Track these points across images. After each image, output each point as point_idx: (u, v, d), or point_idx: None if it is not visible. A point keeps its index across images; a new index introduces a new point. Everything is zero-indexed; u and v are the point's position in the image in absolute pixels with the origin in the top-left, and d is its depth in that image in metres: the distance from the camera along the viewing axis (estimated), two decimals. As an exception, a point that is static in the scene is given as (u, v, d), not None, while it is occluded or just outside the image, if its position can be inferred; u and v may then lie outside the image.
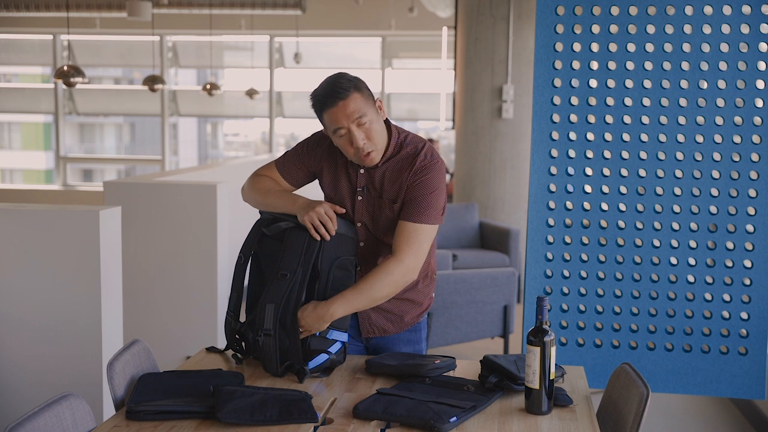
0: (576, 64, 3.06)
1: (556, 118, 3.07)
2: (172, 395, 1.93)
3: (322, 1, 11.24)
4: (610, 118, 3.06)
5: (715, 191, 3.04)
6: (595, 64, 3.07)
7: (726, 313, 3.07)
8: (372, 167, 2.26)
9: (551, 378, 1.93)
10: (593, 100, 3.07)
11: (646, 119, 3.05)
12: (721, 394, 3.12)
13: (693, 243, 3.06)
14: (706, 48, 3.00)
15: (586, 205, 3.10)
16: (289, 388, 2.04)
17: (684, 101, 3.03)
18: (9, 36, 12.77)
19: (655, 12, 3.03)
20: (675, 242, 3.06)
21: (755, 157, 3.01)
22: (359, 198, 2.28)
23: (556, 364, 1.99)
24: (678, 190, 3.05)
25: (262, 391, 1.94)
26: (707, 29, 3.00)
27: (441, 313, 4.48)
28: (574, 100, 3.08)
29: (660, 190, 3.05)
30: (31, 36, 12.67)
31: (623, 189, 3.08)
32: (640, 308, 3.10)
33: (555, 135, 3.08)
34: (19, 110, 13.58)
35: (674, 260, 3.07)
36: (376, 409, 1.87)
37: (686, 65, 3.02)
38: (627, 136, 3.06)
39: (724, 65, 3.00)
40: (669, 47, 3.02)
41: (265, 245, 2.28)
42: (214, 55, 12.36)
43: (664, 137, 3.04)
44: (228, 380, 2.05)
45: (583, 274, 3.11)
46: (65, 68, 6.09)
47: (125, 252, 4.10)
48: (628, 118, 3.06)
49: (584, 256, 3.11)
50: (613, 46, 3.05)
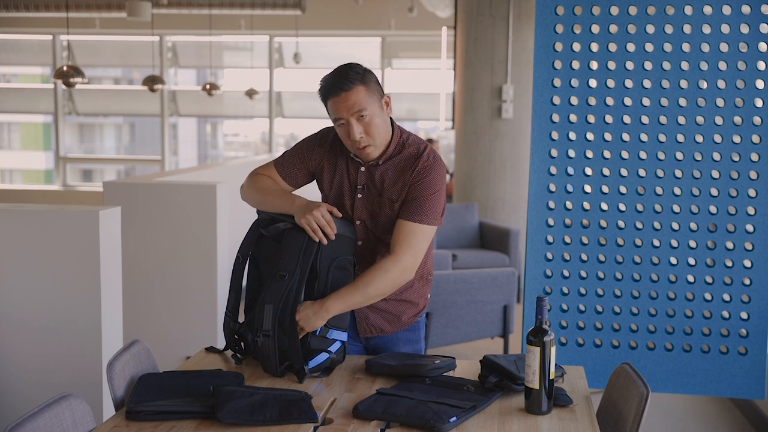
0: (575, 64, 3.06)
1: (556, 118, 3.07)
2: (171, 395, 1.93)
3: (322, 1, 11.24)
4: (609, 118, 3.06)
5: (715, 191, 3.04)
6: (594, 64, 3.07)
7: (726, 313, 3.07)
8: (373, 165, 2.26)
9: (551, 378, 1.93)
10: (593, 100, 3.07)
11: (645, 119, 3.05)
12: (720, 394, 3.12)
13: (693, 243, 3.06)
14: (706, 48, 3.00)
15: (586, 205, 3.10)
16: (289, 388, 2.04)
17: (684, 101, 3.03)
18: (8, 36, 12.77)
19: (654, 12, 3.03)
20: (675, 242, 3.06)
21: (755, 156, 3.01)
22: (359, 196, 2.28)
23: (555, 364, 1.99)
24: (678, 190, 3.05)
25: (262, 391, 1.94)
26: (707, 29, 3.00)
27: (441, 313, 4.47)
28: (574, 100, 3.08)
29: (660, 190, 3.05)
30: (30, 36, 12.67)
31: (623, 189, 3.08)
32: (640, 308, 3.10)
33: (555, 135, 3.08)
34: (19, 110, 13.58)
35: (674, 260, 3.07)
36: (375, 409, 1.88)
37: (686, 65, 3.02)
38: (627, 136, 3.06)
39: (723, 65, 3.00)
40: (669, 47, 3.02)
41: (263, 246, 2.28)
42: (213, 55, 12.36)
43: (663, 137, 3.04)
44: (228, 380, 2.05)
45: (583, 274, 3.11)
46: (65, 68, 6.09)
47: (125, 252, 4.10)
48: (627, 118, 3.06)
49: (584, 256, 3.11)
50: (613, 46, 3.05)
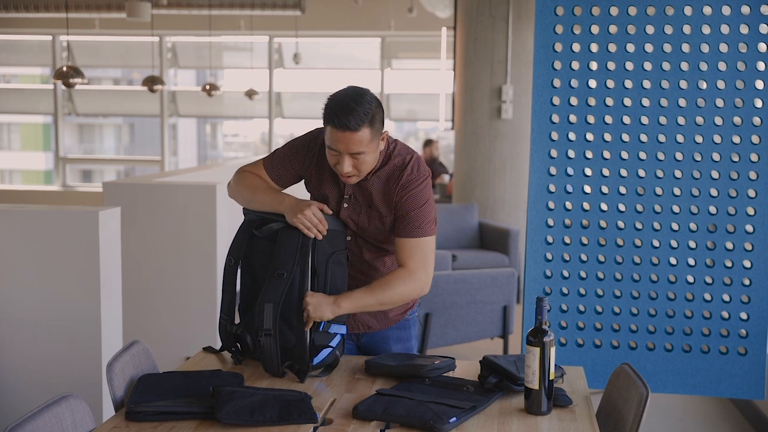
0: (575, 65, 3.06)
1: (556, 118, 3.08)
2: (171, 396, 1.93)
3: (322, 1, 11.24)
4: (609, 119, 3.06)
5: (715, 191, 3.04)
6: (594, 65, 3.07)
7: (725, 314, 3.07)
8: (362, 179, 2.25)
9: (551, 378, 1.94)
10: (592, 101, 3.07)
11: (645, 119, 3.05)
12: (720, 394, 3.12)
13: (692, 243, 3.06)
14: (706, 48, 3.00)
15: (586, 205, 3.10)
16: (288, 388, 2.04)
17: (683, 101, 3.03)
18: (8, 37, 12.77)
19: (654, 12, 3.03)
20: (674, 242, 3.06)
21: (754, 157, 3.01)
22: (345, 205, 2.28)
23: (555, 365, 1.99)
24: (677, 191, 3.05)
25: (262, 391, 1.94)
26: (706, 29, 3.00)
27: (440, 313, 4.47)
28: (574, 101, 3.08)
29: (659, 190, 3.05)
30: (30, 37, 12.67)
31: (623, 189, 3.08)
32: (640, 308, 3.10)
33: (554, 135, 3.08)
34: (19, 111, 13.58)
35: (674, 260, 3.07)
36: (375, 410, 1.88)
37: (685, 65, 3.02)
38: (626, 137, 3.06)
39: (723, 65, 3.00)
40: (668, 47, 3.02)
41: (256, 246, 2.27)
42: (213, 55, 12.36)
43: (663, 137, 3.04)
44: (228, 381, 2.05)
45: (583, 274, 3.11)
46: (64, 69, 6.09)
47: (125, 252, 4.10)
48: (627, 119, 3.06)
49: (584, 257, 3.11)
50: (613, 47, 3.05)
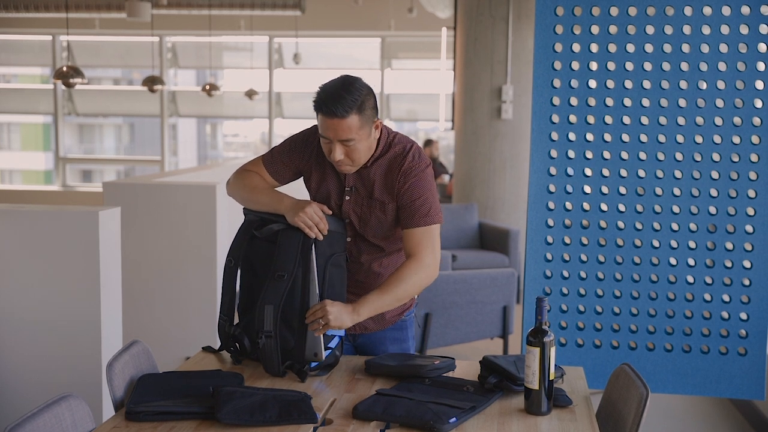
0: (575, 65, 3.06)
1: (556, 118, 3.08)
2: (171, 396, 1.93)
3: (322, 1, 11.24)
4: (609, 119, 3.06)
5: (715, 192, 3.04)
6: (594, 65, 3.07)
7: (725, 314, 3.07)
8: (362, 167, 2.26)
9: (551, 378, 1.94)
10: (592, 101, 3.07)
11: (645, 120, 3.05)
12: (720, 394, 3.12)
13: (692, 243, 3.06)
14: (706, 49, 3.00)
15: (586, 205, 3.10)
16: (288, 388, 2.04)
17: (683, 102, 3.03)
18: (8, 37, 12.77)
19: (654, 13, 3.03)
20: (674, 243, 3.07)
21: (754, 157, 3.01)
22: (347, 198, 2.28)
23: (555, 365, 1.99)
24: (677, 191, 3.05)
25: (262, 391, 1.94)
26: (706, 30, 3.00)
27: (440, 313, 4.48)
28: (574, 101, 3.08)
29: (659, 190, 3.05)
30: (30, 37, 12.67)
31: (622, 189, 3.08)
32: (640, 309, 3.10)
33: (554, 135, 3.08)
34: (19, 111, 13.58)
35: (674, 261, 3.07)
36: (375, 410, 1.88)
37: (685, 66, 3.02)
38: (626, 137, 3.06)
39: (723, 66, 3.00)
40: (668, 48, 3.02)
41: (256, 247, 2.27)
42: (213, 55, 12.36)
43: (663, 138, 3.04)
44: (228, 381, 2.05)
45: (583, 274, 3.11)
46: (64, 69, 6.09)
47: (125, 253, 4.10)
48: (627, 119, 3.06)
49: (584, 257, 3.11)
50: (613, 47, 3.05)
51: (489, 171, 6.90)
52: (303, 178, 2.39)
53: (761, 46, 2.98)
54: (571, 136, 3.08)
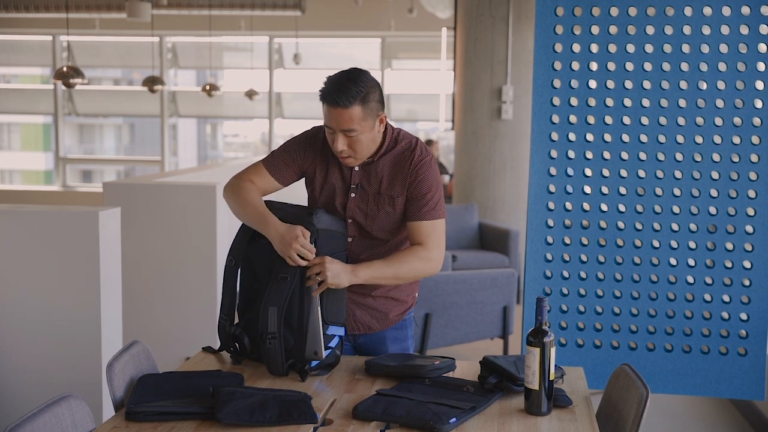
0: (575, 65, 3.06)
1: (556, 118, 3.08)
2: (171, 396, 1.93)
3: (322, 1, 11.24)
4: (609, 119, 3.06)
5: (715, 192, 3.04)
6: (594, 65, 3.07)
7: (725, 314, 3.07)
8: (368, 163, 2.28)
9: (551, 379, 1.94)
10: (592, 101, 3.07)
11: (645, 120, 3.05)
12: (720, 394, 3.12)
13: (692, 244, 3.06)
14: (706, 49, 3.00)
15: (586, 205, 3.10)
16: (289, 388, 2.04)
17: (683, 102, 3.03)
18: (8, 37, 12.77)
19: (654, 13, 3.03)
20: (674, 243, 3.06)
21: (754, 158, 3.01)
22: (352, 195, 2.29)
23: (555, 365, 1.99)
24: (677, 191, 3.05)
25: (262, 391, 1.94)
26: (706, 30, 3.00)
27: (441, 313, 4.47)
28: (574, 101, 3.08)
29: (659, 190, 3.05)
30: (30, 37, 12.68)
31: (623, 190, 3.08)
32: (640, 309, 3.10)
33: (554, 136, 3.08)
34: (19, 111, 13.58)
35: (674, 261, 3.07)
36: (375, 410, 1.88)
37: (686, 66, 3.02)
38: (626, 137, 3.06)
39: (723, 66, 3.00)
40: (668, 48, 3.02)
41: (257, 247, 2.27)
42: (213, 55, 12.36)
43: (663, 138, 3.04)
44: (228, 381, 2.05)
45: (583, 274, 3.11)
46: (65, 69, 6.09)
47: (125, 253, 4.10)
48: (627, 119, 3.06)
49: (584, 257, 3.11)
50: (613, 47, 3.05)
51: (489, 171, 6.90)
52: (305, 179, 2.39)
53: (761, 47, 2.98)
54: (572, 136, 3.08)
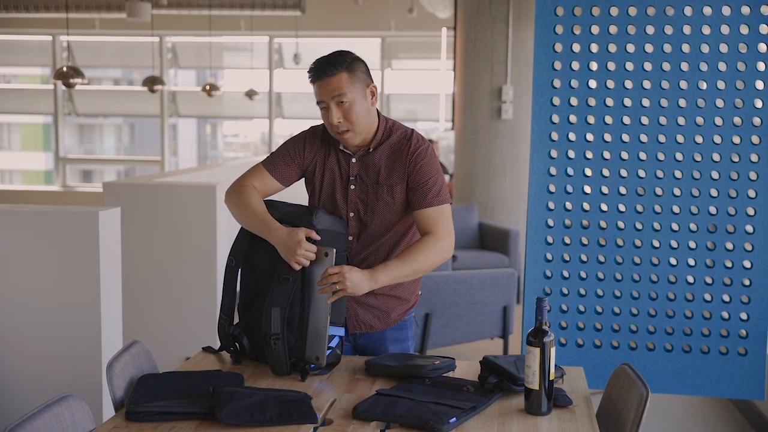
0: (575, 65, 3.06)
1: (556, 118, 3.08)
2: (171, 396, 1.93)
3: (322, 1, 11.24)
4: (609, 119, 3.06)
5: (715, 192, 3.04)
6: (594, 65, 3.07)
7: (725, 314, 3.07)
8: (364, 154, 2.30)
9: (551, 379, 1.93)
10: (592, 101, 3.07)
11: (645, 120, 3.05)
12: (720, 394, 3.12)
13: (692, 243, 3.06)
14: (706, 49, 3.00)
15: (586, 205, 3.10)
16: (289, 388, 2.04)
17: (683, 102, 3.03)
18: (8, 37, 12.77)
19: (654, 13, 3.03)
20: (674, 243, 3.06)
21: (754, 157, 3.01)
22: (352, 187, 2.30)
23: (555, 365, 1.99)
24: (677, 191, 3.05)
25: (262, 391, 1.94)
26: (706, 30, 3.00)
27: (440, 313, 4.47)
28: (574, 101, 3.08)
29: (659, 190, 3.05)
30: (30, 37, 12.67)
31: (623, 190, 3.08)
32: (640, 309, 3.10)
33: (554, 136, 3.08)
34: (19, 111, 13.57)
35: (674, 261, 3.07)
36: (375, 410, 1.88)
37: (686, 66, 3.02)
38: (626, 137, 3.06)
39: (723, 66, 3.00)
40: (668, 48, 3.02)
41: (258, 247, 2.27)
42: (213, 55, 12.36)
43: (663, 138, 3.04)
44: (228, 381, 2.05)
45: (583, 274, 3.11)
46: (65, 69, 6.09)
47: (125, 253, 4.10)
48: (627, 119, 3.06)
49: (584, 257, 3.11)
50: (613, 47, 3.05)
51: (489, 171, 6.90)
52: (305, 179, 2.40)
53: (761, 46, 2.98)
54: (571, 136, 3.08)
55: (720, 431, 3.90)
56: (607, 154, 3.07)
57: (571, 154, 3.08)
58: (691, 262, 3.07)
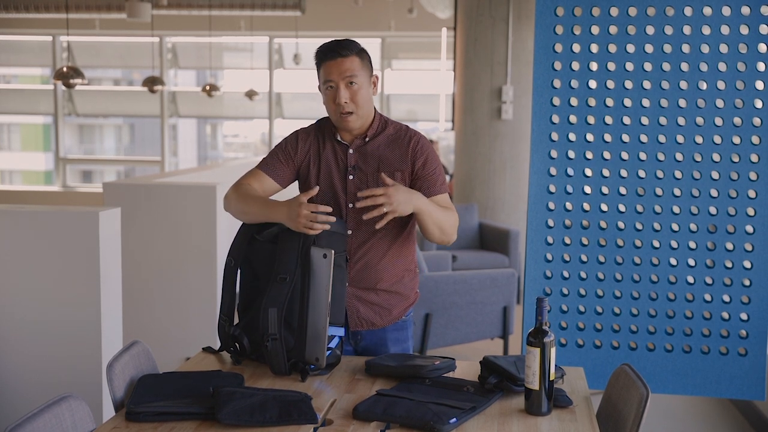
0: (575, 65, 3.06)
1: (556, 119, 3.08)
2: (171, 396, 1.93)
3: (322, 1, 11.24)
4: (609, 119, 3.06)
5: (715, 192, 3.04)
6: (594, 65, 3.07)
7: (725, 314, 3.07)
8: (361, 145, 2.34)
9: (551, 379, 1.94)
10: (592, 101, 3.07)
11: (645, 120, 3.05)
12: (720, 394, 3.12)
13: (692, 244, 3.06)
14: (706, 49, 3.00)
15: (586, 206, 3.10)
16: (289, 389, 2.04)
17: (683, 102, 3.03)
18: (8, 37, 12.77)
19: (654, 13, 3.03)
20: (674, 243, 3.06)
21: (755, 158, 3.01)
22: (350, 177, 2.34)
23: (555, 365, 1.99)
24: (677, 191, 3.05)
25: (262, 392, 1.94)
26: (706, 30, 3.00)
27: (441, 313, 4.48)
28: (574, 101, 3.08)
29: (659, 191, 3.05)
30: (30, 37, 12.68)
31: (623, 190, 3.08)
32: (640, 309, 3.10)
33: (554, 136, 3.08)
34: (19, 111, 13.58)
35: (674, 261, 3.07)
36: (375, 410, 1.88)
37: (685, 66, 3.02)
38: (626, 137, 3.06)
39: (723, 66, 3.00)
40: (668, 48, 3.02)
41: (257, 248, 2.28)
42: (213, 56, 12.36)
43: (663, 138, 3.04)
44: (228, 381, 2.05)
45: (583, 275, 3.11)
46: (65, 69, 6.09)
47: (125, 253, 4.10)
48: (627, 119, 3.06)
49: (584, 257, 3.11)
50: (613, 47, 3.05)
51: (489, 171, 6.90)
52: (300, 179, 2.41)
53: (761, 47, 2.98)
54: (572, 136, 3.08)
55: (720, 431, 3.90)
56: (607, 155, 3.07)
57: (571, 154, 3.08)
58: (691, 262, 3.07)
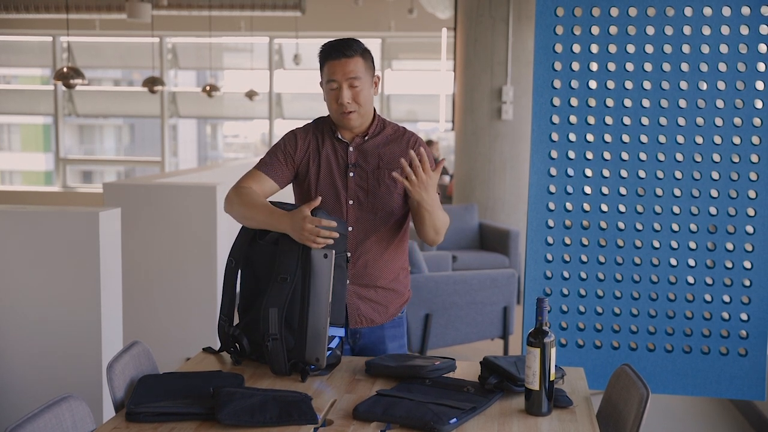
0: (575, 66, 3.06)
1: (556, 119, 3.08)
2: (171, 397, 1.93)
3: (322, 2, 11.25)
4: (609, 120, 3.06)
5: (715, 192, 3.04)
6: (594, 66, 3.07)
7: (726, 314, 3.07)
8: (360, 143, 2.37)
9: (551, 379, 1.93)
10: (593, 102, 3.07)
11: (645, 120, 3.05)
12: (720, 395, 3.12)
13: (693, 244, 3.06)
14: (706, 49, 3.00)
15: (586, 206, 3.10)
16: (289, 389, 2.04)
17: (683, 102, 3.03)
18: (8, 38, 12.78)
19: (654, 13, 3.03)
20: (675, 243, 3.06)
21: (755, 158, 3.01)
22: (351, 174, 2.36)
23: (555, 366, 1.99)
24: (678, 191, 3.05)
25: (262, 392, 1.94)
26: (707, 30, 3.00)
27: (441, 314, 4.48)
28: (574, 102, 3.08)
29: (660, 191, 3.05)
30: (30, 38, 12.68)
31: (623, 190, 3.08)
32: (640, 309, 3.10)
33: (554, 136, 3.08)
34: (19, 112, 13.58)
35: (674, 261, 3.07)
36: (375, 411, 1.88)
37: (686, 66, 3.02)
38: (626, 137, 3.06)
39: (723, 66, 3.00)
40: (668, 48, 3.02)
41: (257, 248, 2.28)
42: (213, 56, 12.37)
43: (663, 138, 3.04)
44: (228, 381, 2.05)
45: (583, 275, 3.11)
46: (65, 70, 6.09)
47: (125, 253, 4.10)
48: (627, 120, 3.06)
49: (584, 258, 3.11)
50: (613, 48, 3.05)
51: (489, 171, 6.90)
52: (299, 178, 2.41)
53: (761, 47, 2.98)
54: (572, 136, 3.08)
55: (720, 431, 3.90)
56: (607, 155, 3.07)
57: (572, 154, 3.08)
58: (692, 262, 3.07)
